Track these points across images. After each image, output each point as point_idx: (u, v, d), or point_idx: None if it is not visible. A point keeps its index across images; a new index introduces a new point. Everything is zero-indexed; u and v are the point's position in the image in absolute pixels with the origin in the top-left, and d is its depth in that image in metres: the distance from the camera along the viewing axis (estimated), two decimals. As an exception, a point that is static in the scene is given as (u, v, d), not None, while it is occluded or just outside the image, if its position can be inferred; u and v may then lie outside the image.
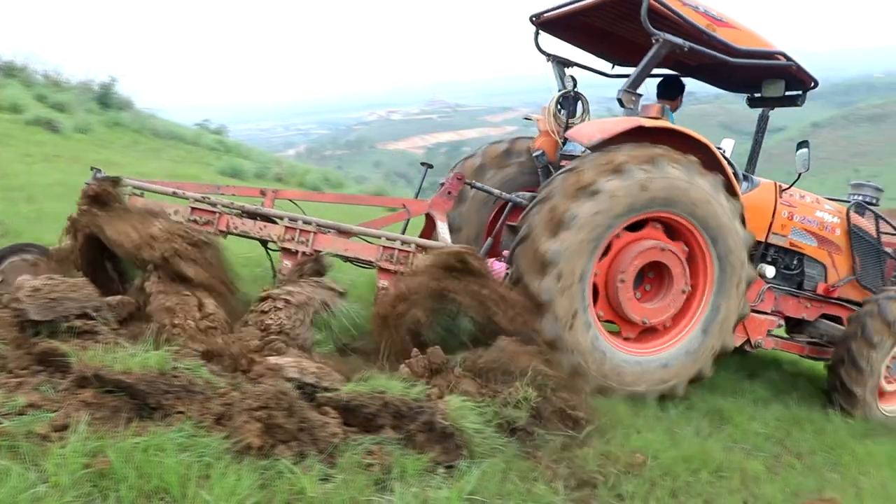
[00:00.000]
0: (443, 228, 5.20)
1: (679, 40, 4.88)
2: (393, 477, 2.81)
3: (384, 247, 4.50)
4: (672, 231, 4.93)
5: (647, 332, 4.92)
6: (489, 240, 5.86)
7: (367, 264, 4.84)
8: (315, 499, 2.56)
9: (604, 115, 6.34)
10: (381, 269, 4.51)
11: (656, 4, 4.78)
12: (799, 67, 5.46)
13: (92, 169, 4.65)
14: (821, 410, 5.40)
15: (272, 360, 3.49)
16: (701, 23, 4.98)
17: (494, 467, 3.06)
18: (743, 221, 5.04)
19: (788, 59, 5.37)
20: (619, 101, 5.18)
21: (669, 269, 4.85)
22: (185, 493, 2.39)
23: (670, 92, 6.06)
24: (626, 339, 4.87)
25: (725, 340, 5.05)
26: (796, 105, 6.09)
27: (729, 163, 5.26)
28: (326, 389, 3.28)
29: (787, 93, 5.80)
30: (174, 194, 4.73)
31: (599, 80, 6.62)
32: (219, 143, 21.69)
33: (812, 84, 5.75)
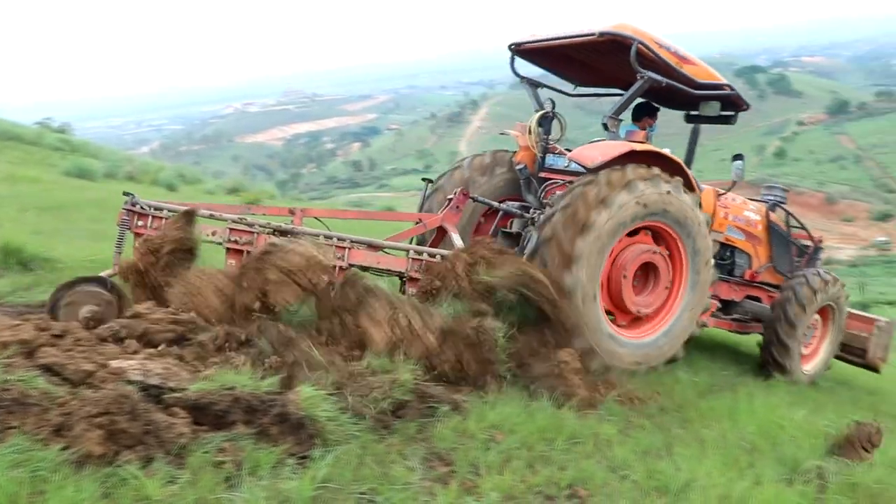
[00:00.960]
0: (456, 238, 5.98)
1: (659, 77, 5.88)
2: (245, 472, 2.75)
3: (413, 258, 5.06)
4: (657, 236, 5.87)
5: (636, 320, 5.80)
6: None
7: (398, 275, 5.33)
8: (161, 502, 2.47)
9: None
10: (411, 279, 5.05)
11: (643, 48, 5.73)
12: (738, 95, 6.58)
13: (125, 194, 4.90)
14: (671, 374, 5.65)
15: (115, 363, 3.35)
16: (672, 61, 5.99)
17: (349, 453, 3.05)
18: (709, 230, 6.11)
19: (732, 88, 6.51)
20: (604, 125, 6.25)
21: (658, 268, 5.80)
22: (18, 511, 2.26)
23: (639, 115, 7.16)
24: (620, 325, 5.70)
25: (694, 326, 6.06)
26: (729, 123, 7.10)
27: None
28: (173, 390, 3.17)
29: (722, 112, 6.68)
30: (211, 216, 5.06)
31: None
32: (63, 143, 20.51)
33: (745, 107, 6.84)
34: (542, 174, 6.96)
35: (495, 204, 6.76)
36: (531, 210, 6.60)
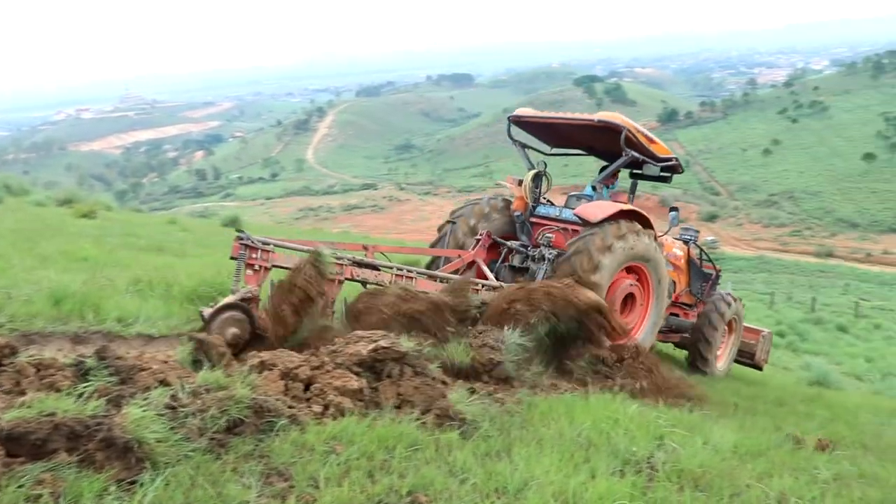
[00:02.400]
0: (487, 271, 8.06)
1: (637, 154, 8.30)
2: (65, 503, 2.59)
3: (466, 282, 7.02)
4: (635, 271, 8.12)
5: None
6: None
7: None
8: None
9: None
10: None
11: (629, 134, 8.10)
12: (679, 164, 9.02)
13: (238, 231, 6.06)
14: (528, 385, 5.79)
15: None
16: (645, 143, 8.37)
17: (181, 475, 2.94)
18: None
19: (677, 160, 8.97)
20: (593, 187, 8.81)
21: (636, 297, 8.15)
22: None
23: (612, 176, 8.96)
24: None
25: (655, 337, 8.51)
26: (666, 182, 9.56)
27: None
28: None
29: (661, 174, 8.96)
30: (306, 251, 6.15)
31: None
32: None
33: (680, 171, 9.19)
34: (533, 220, 8.88)
35: (508, 243, 8.61)
36: (529, 248, 8.50)
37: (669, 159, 8.78)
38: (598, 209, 7.80)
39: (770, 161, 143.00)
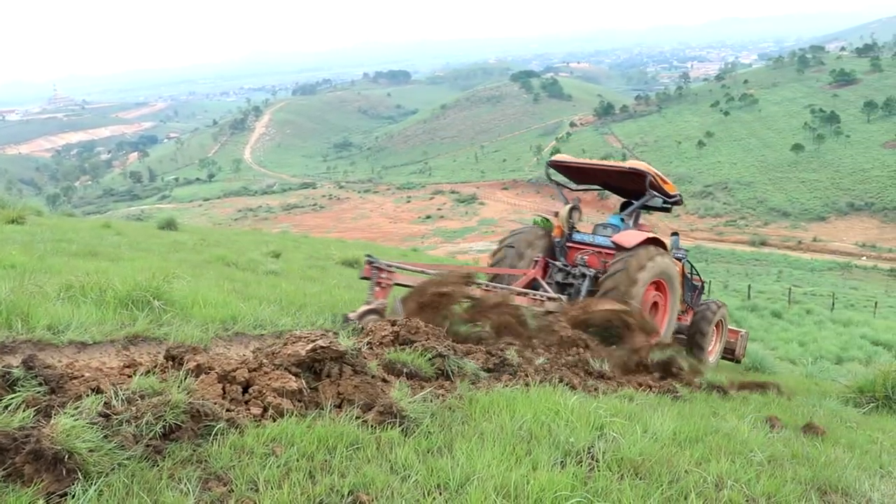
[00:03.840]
0: (546, 286, 10.05)
1: (657, 194, 10.54)
2: (-9, 519, 2.51)
3: (533, 298, 9.23)
4: (658, 285, 10.08)
5: None
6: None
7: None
8: None
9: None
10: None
11: (653, 179, 10.29)
12: (681, 199, 11.15)
13: (367, 256, 7.84)
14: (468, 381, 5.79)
15: None
16: (661, 184, 10.49)
17: (116, 484, 2.87)
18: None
19: (680, 196, 11.05)
20: (622, 219, 10.90)
21: (659, 305, 10.19)
22: None
23: (624, 207, 11.28)
24: None
25: (671, 333, 10.58)
26: (667, 212, 12.06)
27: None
28: None
29: (663, 205, 11.04)
30: (422, 272, 8.35)
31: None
32: None
33: (681, 203, 11.37)
34: (569, 244, 10.89)
35: (557, 263, 10.71)
36: (568, 268, 10.61)
37: (676, 195, 10.94)
38: (631, 237, 9.86)
39: (704, 153, 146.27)
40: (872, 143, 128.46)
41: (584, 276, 10.36)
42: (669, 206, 11.08)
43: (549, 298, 9.34)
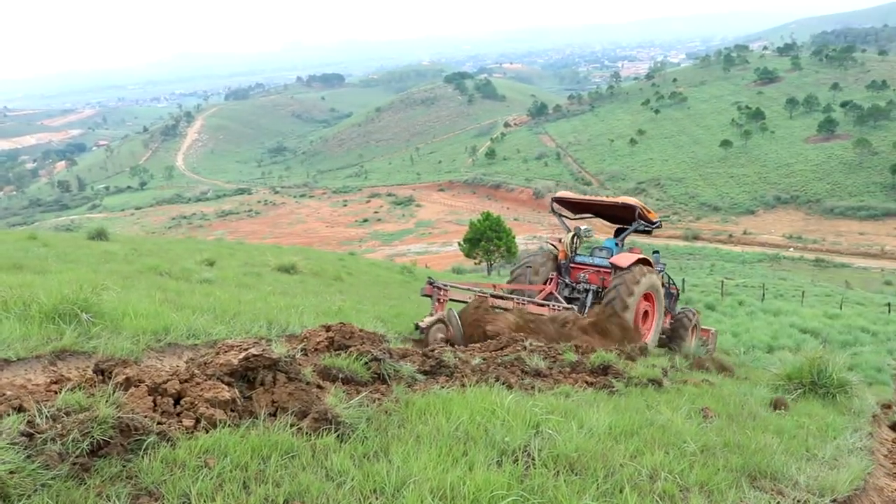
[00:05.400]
0: (561, 299, 12.27)
1: (644, 222, 12.89)
2: None
3: (551, 307, 11.18)
4: (647, 297, 12.23)
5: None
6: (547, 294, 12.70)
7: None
8: None
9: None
10: None
11: (641, 211, 12.70)
12: (661, 224, 13.63)
13: (429, 278, 10.44)
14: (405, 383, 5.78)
15: None
16: (646, 213, 12.85)
17: (40, 507, 2.79)
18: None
19: (660, 221, 13.54)
20: (616, 243, 13.16)
21: (649, 313, 12.37)
22: None
23: (618, 233, 13.58)
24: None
25: (658, 337, 12.87)
26: (649, 234, 14.24)
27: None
28: None
29: (644, 229, 13.28)
30: (468, 289, 10.92)
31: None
32: None
33: (660, 226, 13.80)
34: (572, 265, 13.20)
35: (566, 280, 13.05)
36: (572, 284, 12.96)
37: (657, 222, 13.34)
38: (626, 258, 12.04)
39: (636, 150, 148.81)
40: (795, 139, 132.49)
41: (587, 291, 12.69)
42: (651, 230, 13.44)
43: (565, 308, 11.33)
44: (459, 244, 59.41)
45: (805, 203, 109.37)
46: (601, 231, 16.28)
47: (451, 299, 10.27)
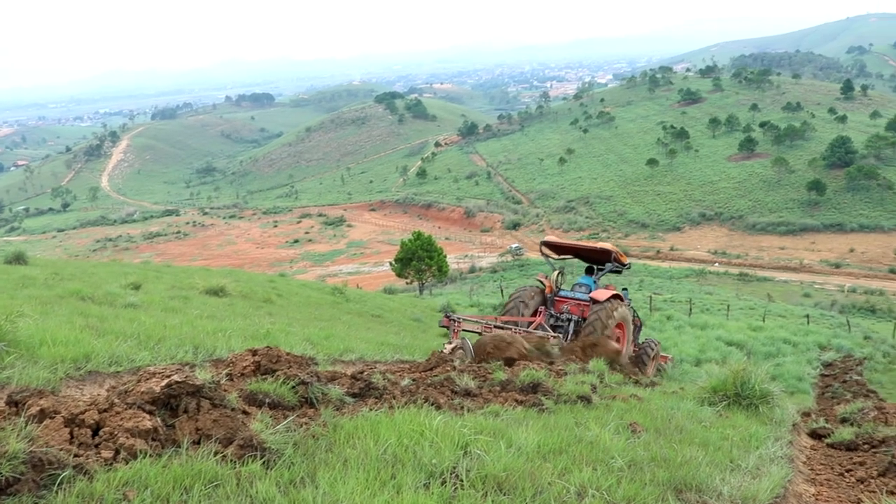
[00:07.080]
0: (548, 328, 15.02)
1: (617, 264, 16.47)
2: None
3: (544, 337, 13.01)
4: (619, 325, 15.25)
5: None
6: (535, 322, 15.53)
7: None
8: None
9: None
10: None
11: (616, 255, 16.23)
12: (630, 265, 17.56)
13: (448, 312, 16.79)
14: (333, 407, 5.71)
15: None
16: (619, 257, 16.39)
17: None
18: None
19: (629, 263, 17.42)
20: (594, 280, 16.45)
21: (620, 339, 15.17)
22: None
23: (590, 271, 16.90)
24: None
25: (630, 352, 15.71)
26: (619, 274, 18.15)
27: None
28: None
29: (615, 269, 16.74)
30: (476, 322, 13.90)
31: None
32: None
33: (628, 266, 17.43)
34: (556, 298, 16.07)
35: (552, 312, 15.84)
36: (556, 315, 15.78)
37: (628, 264, 16.90)
38: (603, 293, 15.02)
39: (566, 169, 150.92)
40: (718, 157, 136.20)
41: (569, 320, 15.43)
42: (620, 270, 16.99)
43: (553, 336, 13.19)
44: (391, 264, 59.28)
45: (728, 219, 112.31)
46: (534, 251, 19.04)
47: (466, 329, 13.29)
